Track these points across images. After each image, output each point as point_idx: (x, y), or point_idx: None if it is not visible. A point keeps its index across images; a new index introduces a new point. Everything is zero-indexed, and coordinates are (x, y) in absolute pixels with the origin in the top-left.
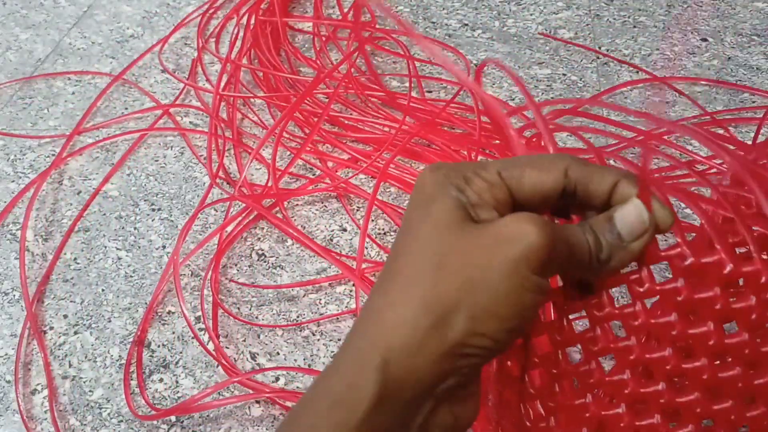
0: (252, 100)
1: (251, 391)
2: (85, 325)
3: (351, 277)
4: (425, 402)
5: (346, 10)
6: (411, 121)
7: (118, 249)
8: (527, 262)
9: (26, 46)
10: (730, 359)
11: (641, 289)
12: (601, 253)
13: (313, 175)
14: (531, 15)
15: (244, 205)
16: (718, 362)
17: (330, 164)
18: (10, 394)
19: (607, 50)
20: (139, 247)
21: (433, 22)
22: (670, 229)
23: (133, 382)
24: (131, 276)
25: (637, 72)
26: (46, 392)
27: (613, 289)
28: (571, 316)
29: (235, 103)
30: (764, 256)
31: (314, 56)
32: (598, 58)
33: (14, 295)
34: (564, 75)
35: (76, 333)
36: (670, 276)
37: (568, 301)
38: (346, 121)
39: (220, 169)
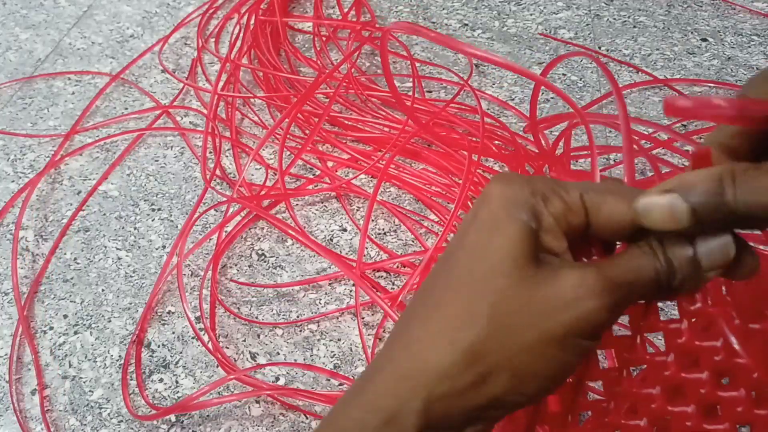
0: (252, 100)
1: (250, 389)
2: (85, 325)
3: (350, 275)
4: None
5: (346, 10)
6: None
7: (118, 249)
8: (580, 331)
9: (26, 46)
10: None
11: (680, 340)
12: (674, 279)
13: (313, 175)
14: (531, 15)
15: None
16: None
17: (330, 164)
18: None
19: (607, 50)
20: (139, 247)
21: (433, 22)
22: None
23: (133, 383)
24: (131, 276)
25: (637, 72)
26: (45, 393)
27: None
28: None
29: (234, 103)
30: None
31: (314, 56)
32: (598, 57)
33: (14, 295)
34: (564, 75)
35: (76, 333)
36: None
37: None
38: (347, 122)
39: (217, 168)
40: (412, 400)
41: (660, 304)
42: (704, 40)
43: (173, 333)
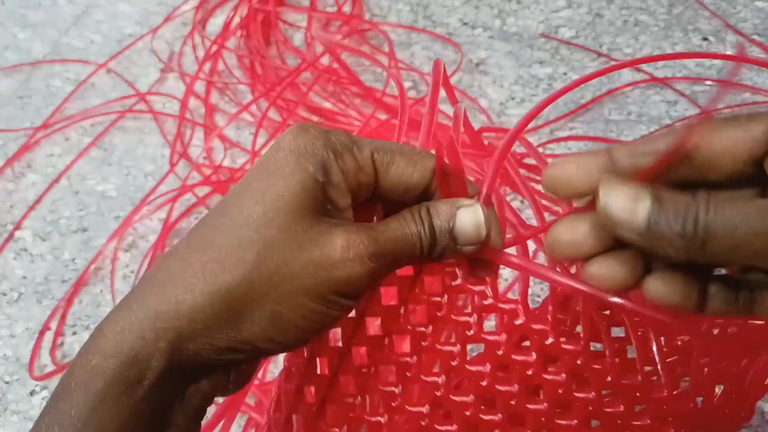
0: (238, 89)
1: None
2: (83, 325)
3: None
4: (202, 376)
5: (343, 6)
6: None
7: (116, 249)
8: (343, 291)
9: (25, 46)
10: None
11: (440, 314)
12: (433, 250)
13: None
14: (532, 13)
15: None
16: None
17: None
18: (9, 395)
19: (608, 49)
20: (138, 247)
21: (434, 21)
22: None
23: None
24: (129, 276)
25: (638, 71)
26: (44, 393)
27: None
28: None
29: (209, 88)
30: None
31: (305, 49)
32: (599, 57)
33: (13, 296)
34: (565, 74)
35: (74, 333)
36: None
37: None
38: (341, 116)
39: (176, 152)
40: (158, 341)
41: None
42: (705, 39)
43: None
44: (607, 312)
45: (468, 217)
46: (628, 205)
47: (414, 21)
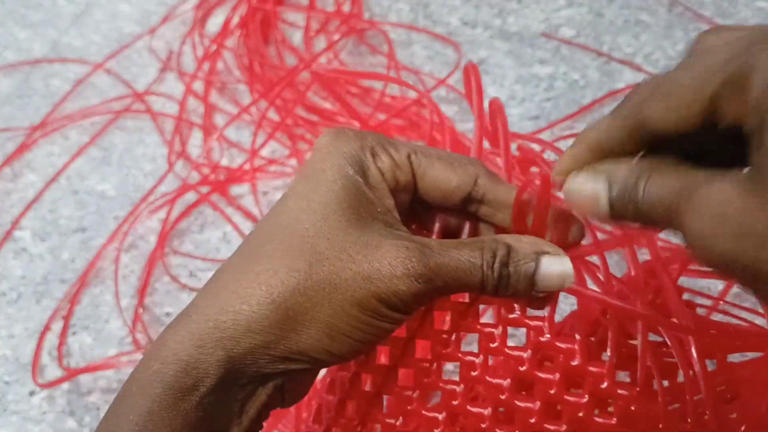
0: (238, 90)
1: None
2: (82, 326)
3: None
4: (259, 387)
5: (343, 5)
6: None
7: (115, 249)
8: (392, 305)
9: (25, 45)
10: None
11: (493, 345)
12: (499, 289)
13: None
14: (532, 13)
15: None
16: None
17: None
18: (8, 395)
19: (609, 49)
20: (137, 248)
21: (434, 20)
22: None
23: None
24: (128, 276)
25: (639, 71)
26: (44, 393)
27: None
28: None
29: (208, 87)
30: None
31: (303, 48)
32: (599, 56)
33: (12, 296)
34: (565, 73)
35: (74, 334)
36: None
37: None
38: (347, 115)
39: (174, 152)
40: (216, 350)
41: None
42: None
43: None
44: (636, 342)
45: (555, 267)
46: (590, 197)
47: (414, 20)
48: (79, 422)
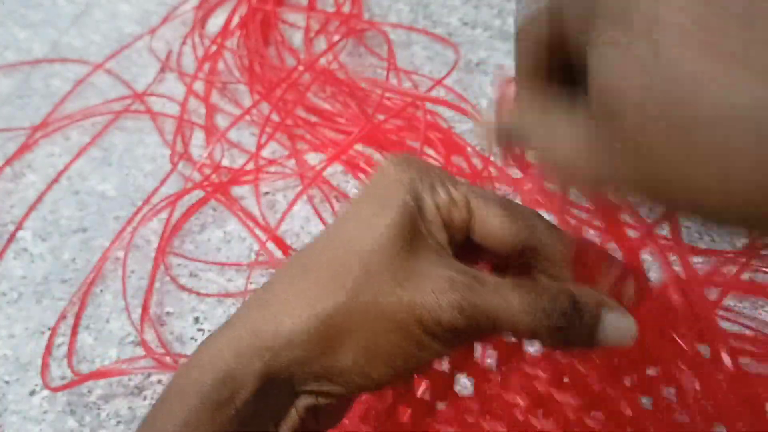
0: (239, 90)
1: None
2: (83, 325)
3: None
4: (292, 406)
5: (342, 5)
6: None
7: (116, 249)
8: (432, 334)
9: (25, 45)
10: None
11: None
12: (556, 340)
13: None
14: None
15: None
16: None
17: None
18: (8, 395)
19: None
20: (138, 248)
21: (433, 21)
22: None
23: (132, 383)
24: (129, 276)
25: None
26: (44, 393)
27: None
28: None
29: (209, 88)
30: None
31: (303, 49)
32: None
33: (12, 296)
34: None
35: (73, 334)
36: None
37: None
38: (347, 118)
39: (177, 152)
40: (254, 361)
41: None
42: None
43: (171, 334)
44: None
45: (621, 324)
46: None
47: (414, 21)
48: (80, 422)
